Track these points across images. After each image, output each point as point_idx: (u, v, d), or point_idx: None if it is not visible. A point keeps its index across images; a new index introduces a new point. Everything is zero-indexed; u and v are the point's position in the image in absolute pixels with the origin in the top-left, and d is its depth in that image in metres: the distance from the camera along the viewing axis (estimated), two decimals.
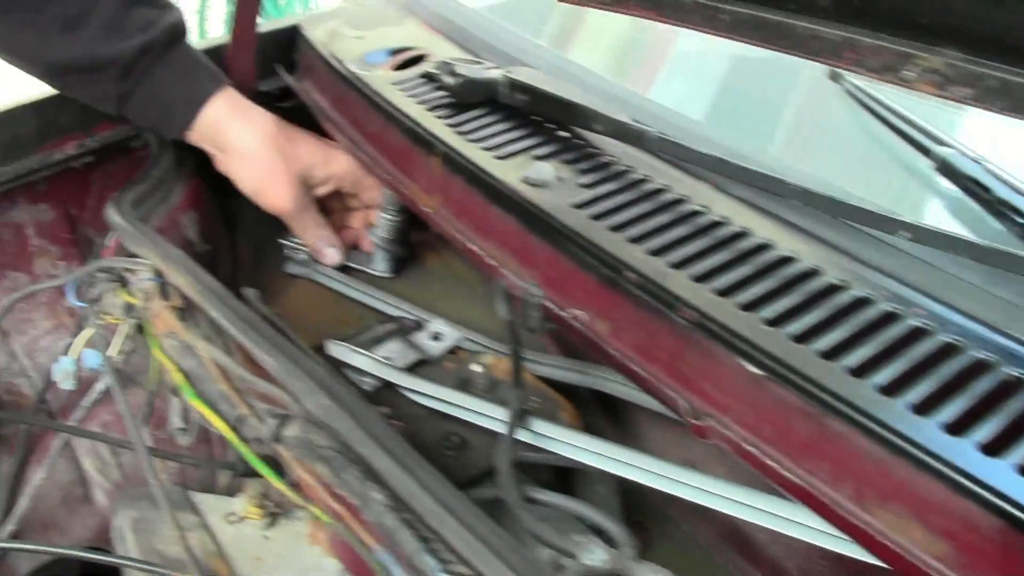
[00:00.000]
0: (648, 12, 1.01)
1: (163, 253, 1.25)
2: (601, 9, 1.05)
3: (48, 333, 1.58)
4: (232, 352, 1.18)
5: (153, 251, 1.26)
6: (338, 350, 1.28)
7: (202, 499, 1.26)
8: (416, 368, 1.29)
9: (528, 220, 1.17)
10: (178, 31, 1.51)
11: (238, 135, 1.52)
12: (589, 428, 1.25)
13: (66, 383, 1.36)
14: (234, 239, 1.72)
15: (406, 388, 1.22)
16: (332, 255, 1.61)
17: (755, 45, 0.93)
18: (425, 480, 0.90)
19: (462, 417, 1.19)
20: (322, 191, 1.59)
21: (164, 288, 1.26)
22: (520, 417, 1.08)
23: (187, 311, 1.24)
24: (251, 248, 1.73)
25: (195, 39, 1.63)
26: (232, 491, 1.39)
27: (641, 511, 1.24)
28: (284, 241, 1.66)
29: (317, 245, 1.60)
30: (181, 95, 1.50)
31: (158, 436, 1.41)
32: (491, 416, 1.16)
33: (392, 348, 1.30)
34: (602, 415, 1.37)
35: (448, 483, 0.90)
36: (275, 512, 1.22)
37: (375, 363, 1.25)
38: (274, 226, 1.65)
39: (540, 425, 1.13)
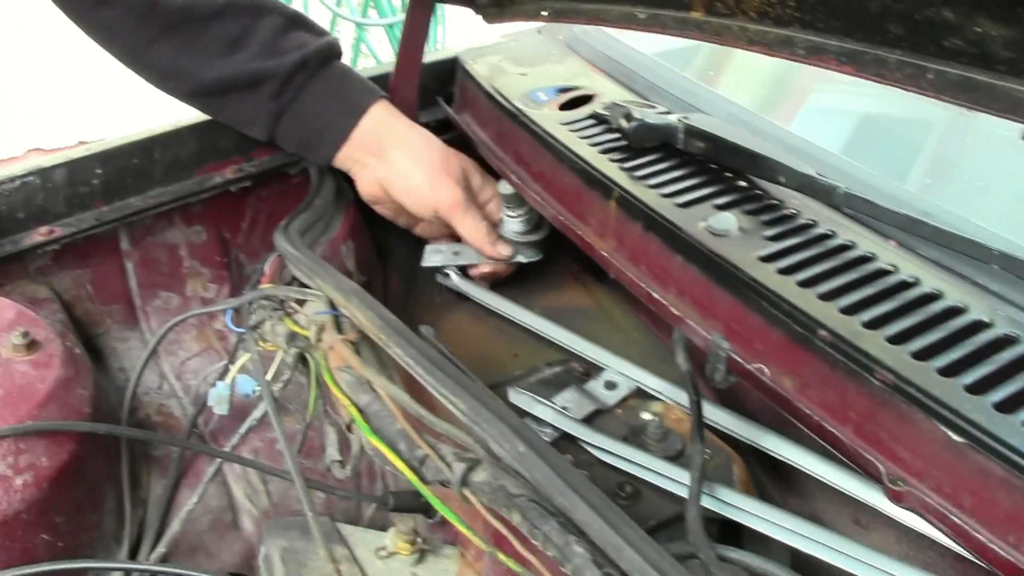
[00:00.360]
0: (845, 67, 1.03)
1: (339, 285, 1.30)
2: (803, 63, 1.07)
3: (196, 355, 1.64)
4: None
5: (329, 283, 1.30)
6: (519, 398, 1.31)
7: (350, 531, 1.30)
8: (591, 418, 1.32)
9: (712, 271, 1.20)
10: (334, 51, 1.58)
11: (405, 133, 1.59)
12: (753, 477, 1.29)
13: (220, 408, 1.41)
14: (386, 270, 1.77)
15: (587, 443, 1.25)
16: (503, 249, 1.63)
17: (961, 106, 0.94)
18: (628, 535, 0.92)
19: (644, 477, 1.22)
20: (479, 199, 1.64)
21: (338, 321, 1.30)
22: (702, 474, 1.11)
23: (358, 345, 1.28)
24: (402, 279, 1.77)
25: None
26: (376, 524, 1.43)
27: (805, 565, 1.25)
28: (432, 266, 1.70)
29: (486, 240, 1.62)
30: (338, 107, 1.58)
31: (306, 466, 1.45)
32: (675, 480, 1.19)
33: (568, 397, 1.33)
34: (764, 467, 1.39)
35: (649, 538, 0.93)
36: (424, 548, 1.25)
37: (556, 414, 1.29)
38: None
39: (721, 491, 1.16)
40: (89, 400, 1.34)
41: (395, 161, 1.58)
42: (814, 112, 2.02)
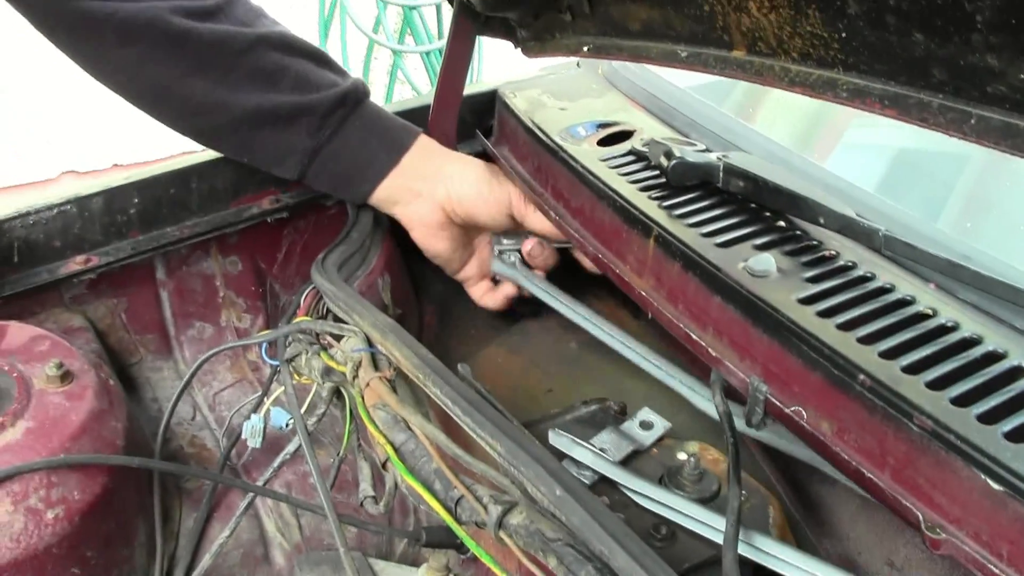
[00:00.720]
0: (888, 111, 1.04)
1: (376, 322, 1.32)
2: (846, 106, 1.09)
3: (230, 386, 1.67)
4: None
5: (366, 319, 1.33)
6: (559, 440, 1.33)
7: (382, 567, 1.32)
8: (628, 459, 1.34)
9: (751, 312, 1.22)
10: (365, 90, 1.62)
11: (455, 154, 1.66)
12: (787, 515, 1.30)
13: (253, 440, 1.43)
14: (421, 302, 1.80)
15: (626, 487, 1.27)
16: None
17: (1003, 151, 0.95)
18: None
19: (680, 522, 1.23)
20: None
21: (375, 358, 1.32)
22: (739, 519, 1.12)
23: (394, 382, 1.30)
24: (437, 312, 1.80)
25: (382, 101, 1.72)
26: (407, 559, 1.45)
27: None
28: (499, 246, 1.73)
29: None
30: (378, 144, 1.61)
31: (338, 500, 1.47)
32: (713, 527, 1.20)
33: (606, 439, 1.35)
34: (799, 504, 1.40)
35: None
36: None
37: (595, 457, 1.30)
38: (458, 290, 1.73)
39: (757, 538, 1.17)
40: (122, 432, 1.36)
41: (457, 174, 1.62)
42: (851, 148, 2.04)
